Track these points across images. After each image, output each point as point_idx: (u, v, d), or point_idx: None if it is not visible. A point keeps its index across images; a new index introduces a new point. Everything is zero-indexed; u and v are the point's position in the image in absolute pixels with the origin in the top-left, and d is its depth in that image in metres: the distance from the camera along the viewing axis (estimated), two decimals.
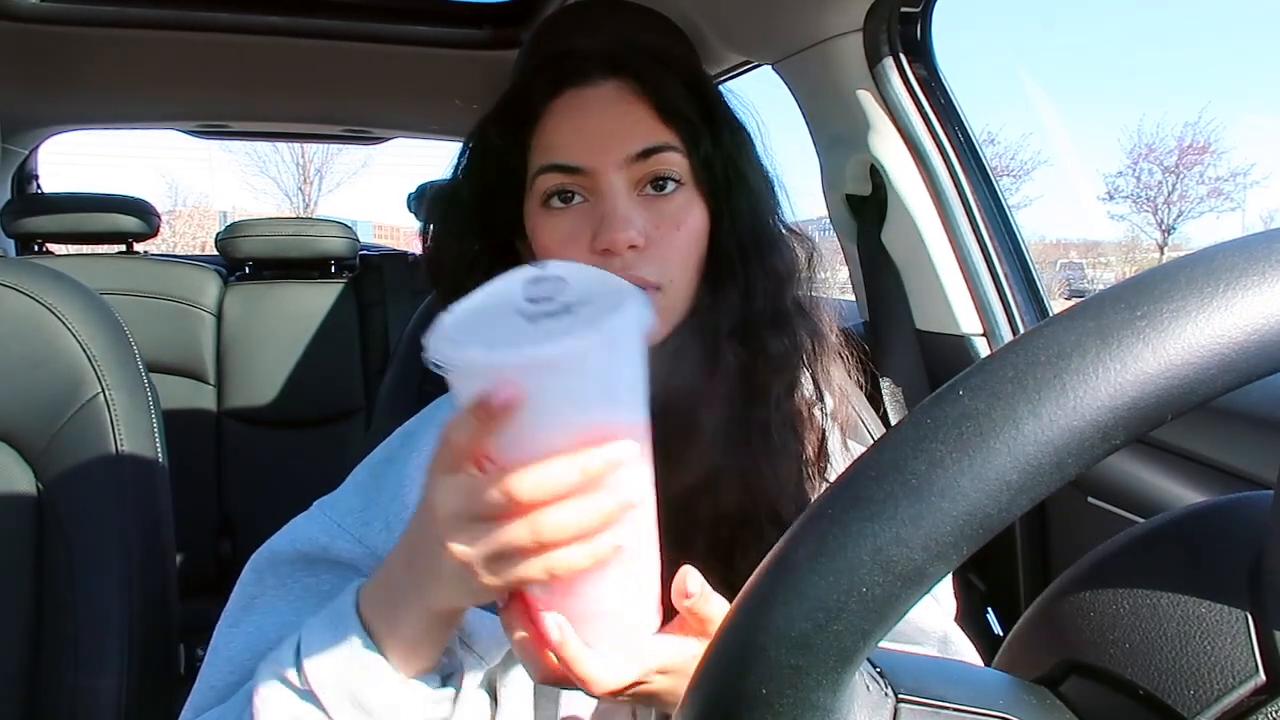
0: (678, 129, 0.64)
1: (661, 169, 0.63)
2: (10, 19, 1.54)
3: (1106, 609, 0.29)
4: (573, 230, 0.62)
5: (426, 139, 2.56)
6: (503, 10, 1.73)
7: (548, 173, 0.63)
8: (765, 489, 0.62)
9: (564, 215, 0.63)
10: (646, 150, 0.62)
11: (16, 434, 0.79)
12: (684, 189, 0.64)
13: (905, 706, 0.26)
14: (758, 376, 0.64)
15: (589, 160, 0.62)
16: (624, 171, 0.62)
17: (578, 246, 0.62)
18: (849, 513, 0.23)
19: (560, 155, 0.63)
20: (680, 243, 0.63)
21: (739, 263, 0.65)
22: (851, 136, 1.21)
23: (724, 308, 0.64)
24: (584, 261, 0.61)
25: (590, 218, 0.62)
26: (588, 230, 0.62)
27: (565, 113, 0.64)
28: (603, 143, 0.62)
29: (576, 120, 0.64)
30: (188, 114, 2.23)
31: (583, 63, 0.65)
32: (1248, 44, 28.43)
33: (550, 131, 0.64)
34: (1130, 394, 0.21)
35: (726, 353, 0.64)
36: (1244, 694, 0.25)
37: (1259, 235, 0.23)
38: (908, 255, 1.23)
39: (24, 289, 0.80)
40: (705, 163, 0.65)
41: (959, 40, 16.44)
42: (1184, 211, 15.68)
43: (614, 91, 0.64)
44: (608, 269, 0.61)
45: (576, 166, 0.62)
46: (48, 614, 0.77)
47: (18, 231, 2.12)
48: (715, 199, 0.65)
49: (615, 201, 0.61)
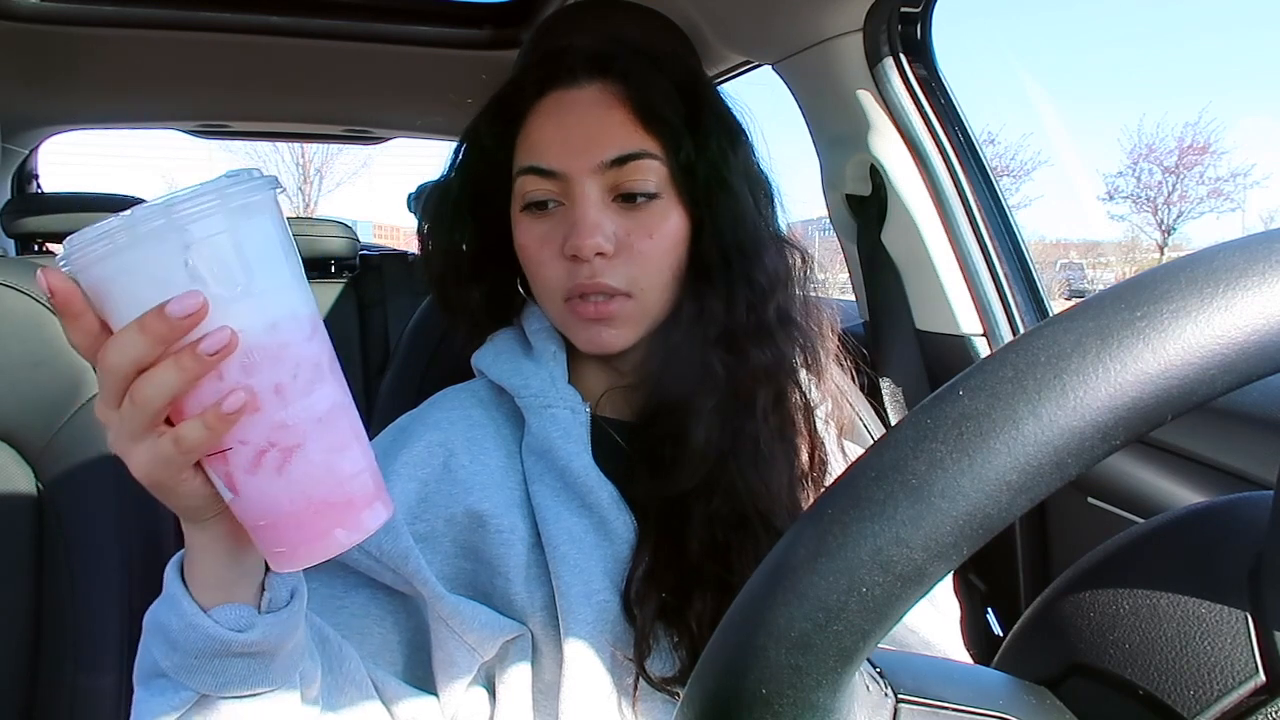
0: (658, 135, 0.63)
1: (635, 180, 0.62)
2: (10, 19, 1.54)
3: (1106, 609, 0.29)
4: (546, 234, 0.64)
5: (426, 139, 2.56)
6: (503, 10, 1.72)
7: (526, 175, 0.64)
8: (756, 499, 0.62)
9: (541, 219, 0.64)
10: (621, 157, 0.62)
11: (16, 434, 0.79)
12: (659, 199, 0.63)
13: (905, 706, 0.26)
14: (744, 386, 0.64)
15: (564, 164, 0.62)
16: (598, 177, 0.62)
17: (551, 250, 0.63)
18: (849, 513, 0.23)
19: (538, 158, 0.63)
20: (653, 251, 0.63)
21: (720, 271, 0.65)
22: (851, 136, 1.21)
23: (708, 317, 0.64)
24: (559, 267, 0.63)
25: (564, 222, 0.63)
26: (559, 235, 0.63)
27: (549, 114, 0.65)
28: (579, 147, 0.62)
29: (557, 122, 0.64)
30: (188, 114, 2.23)
31: (570, 63, 0.65)
32: (1247, 44, 28.43)
33: (534, 131, 0.65)
34: (1130, 394, 0.21)
35: (714, 362, 0.63)
36: (1244, 694, 0.25)
37: (1259, 235, 0.23)
38: (908, 255, 1.23)
39: (24, 289, 0.80)
40: (686, 169, 0.64)
41: (959, 40, 16.44)
42: (1184, 212, 15.70)
43: (597, 94, 0.64)
44: (576, 275, 0.62)
45: (552, 170, 0.63)
46: (48, 613, 0.77)
47: (18, 231, 2.12)
48: (696, 206, 0.65)
49: (585, 209, 0.62)
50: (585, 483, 0.63)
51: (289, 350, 0.38)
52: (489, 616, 0.61)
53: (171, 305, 0.35)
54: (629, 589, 0.61)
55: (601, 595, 0.61)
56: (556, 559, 0.61)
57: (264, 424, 0.38)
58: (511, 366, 0.68)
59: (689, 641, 0.60)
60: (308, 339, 0.39)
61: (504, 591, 0.62)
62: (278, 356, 0.38)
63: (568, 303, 0.64)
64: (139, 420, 0.38)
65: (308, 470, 0.39)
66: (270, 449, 0.38)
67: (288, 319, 0.38)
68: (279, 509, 0.39)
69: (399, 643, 0.64)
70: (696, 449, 0.61)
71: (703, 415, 0.62)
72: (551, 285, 0.65)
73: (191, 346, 0.36)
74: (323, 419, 0.39)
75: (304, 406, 0.39)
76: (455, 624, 0.60)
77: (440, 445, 0.65)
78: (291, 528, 0.39)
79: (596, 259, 0.61)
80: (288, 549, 0.40)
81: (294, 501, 0.39)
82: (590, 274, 0.62)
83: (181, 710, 0.46)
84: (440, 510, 0.64)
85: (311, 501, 0.39)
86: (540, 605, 0.62)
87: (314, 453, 0.39)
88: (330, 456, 0.40)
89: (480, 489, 0.64)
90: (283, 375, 0.38)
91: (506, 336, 0.72)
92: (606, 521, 0.63)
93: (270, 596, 0.47)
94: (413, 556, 0.60)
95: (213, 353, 0.36)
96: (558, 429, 0.64)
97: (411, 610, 0.64)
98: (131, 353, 0.36)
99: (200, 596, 0.45)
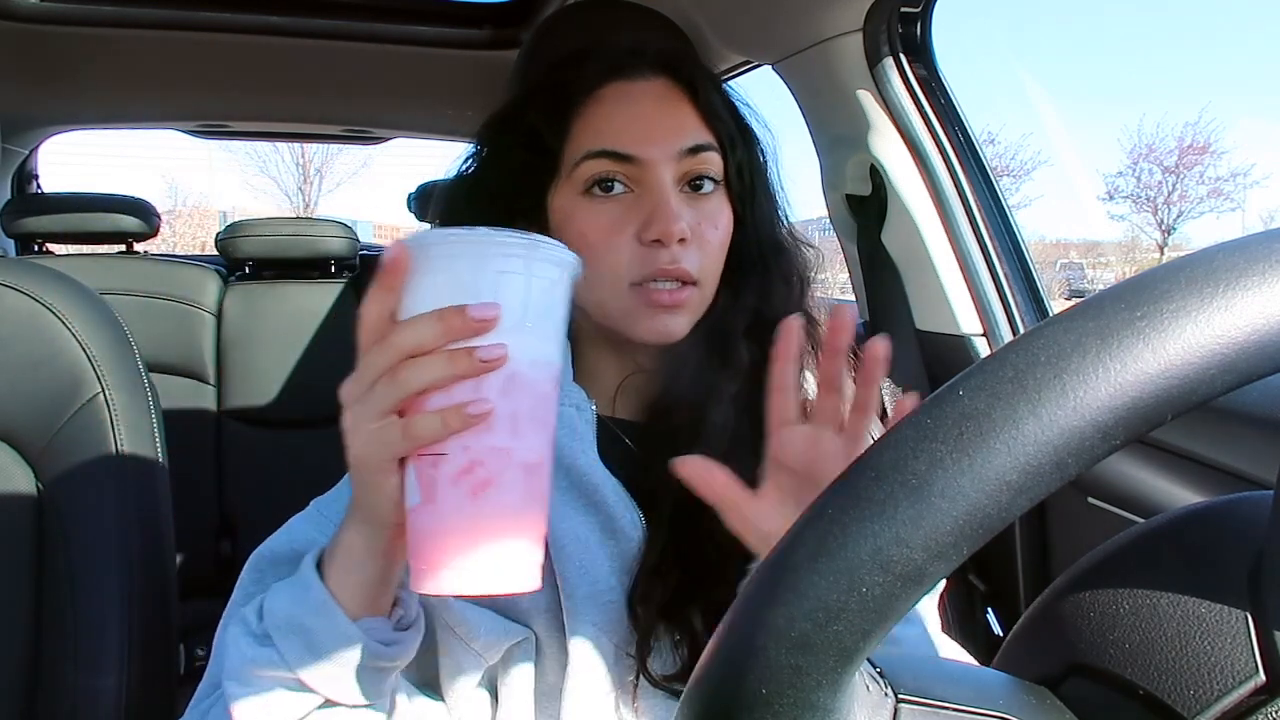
0: (717, 132, 0.66)
1: (705, 168, 0.65)
2: (10, 19, 1.54)
3: (1106, 609, 0.29)
4: (617, 219, 0.63)
5: (426, 139, 2.56)
6: (503, 10, 1.73)
7: (596, 158, 0.63)
8: None
9: (607, 204, 0.63)
10: (695, 147, 0.64)
11: (16, 434, 0.79)
12: (719, 190, 0.66)
13: (905, 706, 0.26)
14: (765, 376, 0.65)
15: (642, 150, 0.63)
16: (672, 165, 0.63)
17: (622, 236, 0.63)
18: (849, 513, 0.23)
19: (611, 142, 0.63)
20: (715, 241, 0.65)
21: (758, 266, 0.68)
22: (851, 136, 1.21)
23: (740, 308, 0.66)
24: (629, 252, 0.63)
25: (635, 208, 0.63)
26: (633, 220, 0.62)
27: (615, 101, 0.65)
28: (656, 134, 0.63)
29: (630, 109, 0.65)
30: (188, 114, 2.23)
31: (639, 57, 0.66)
32: (1248, 44, 28.43)
33: (601, 118, 0.64)
34: (1130, 394, 0.21)
35: (740, 351, 0.65)
36: (1244, 694, 0.25)
37: (1259, 235, 0.23)
38: (908, 255, 1.23)
39: (24, 289, 0.80)
40: (737, 168, 0.67)
41: (960, 40, 16.44)
42: (1184, 211, 15.69)
43: (664, 89, 0.66)
44: (655, 261, 0.62)
45: (629, 155, 0.63)
46: (48, 614, 0.77)
47: (18, 231, 2.12)
48: (741, 203, 0.67)
49: (667, 194, 0.62)
50: (591, 480, 0.63)
51: (538, 388, 0.42)
52: (495, 622, 0.61)
53: (474, 308, 0.40)
54: (635, 585, 0.61)
55: (608, 596, 0.61)
56: (562, 559, 0.61)
57: (487, 444, 0.41)
58: None
59: (690, 639, 0.60)
60: (552, 388, 0.43)
61: None
62: (529, 390, 0.42)
63: (637, 289, 0.63)
64: (388, 399, 0.41)
65: (502, 501, 0.41)
66: (478, 468, 0.41)
67: (546, 363, 0.43)
68: (459, 527, 0.41)
69: None
70: (715, 431, 0.63)
71: (723, 401, 0.64)
72: (619, 271, 0.63)
73: (470, 349, 0.40)
74: (531, 467, 0.42)
75: (526, 445, 0.42)
76: (461, 631, 0.60)
77: None
78: (457, 549, 0.41)
79: (677, 245, 0.62)
80: (442, 570, 0.41)
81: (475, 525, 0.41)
82: (671, 259, 0.62)
83: (305, 713, 0.48)
84: None
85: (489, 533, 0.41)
86: (544, 607, 0.62)
87: (513, 491, 0.41)
88: (524, 501, 0.42)
89: None
90: (523, 408, 0.41)
91: None
92: (613, 520, 0.62)
93: (402, 614, 0.50)
94: None
95: (486, 360, 0.40)
96: (563, 427, 0.64)
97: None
98: (422, 335, 0.40)
99: (346, 604, 0.47)
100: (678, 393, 0.65)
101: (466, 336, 0.40)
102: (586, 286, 0.64)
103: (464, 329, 0.40)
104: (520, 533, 0.42)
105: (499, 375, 0.41)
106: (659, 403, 0.67)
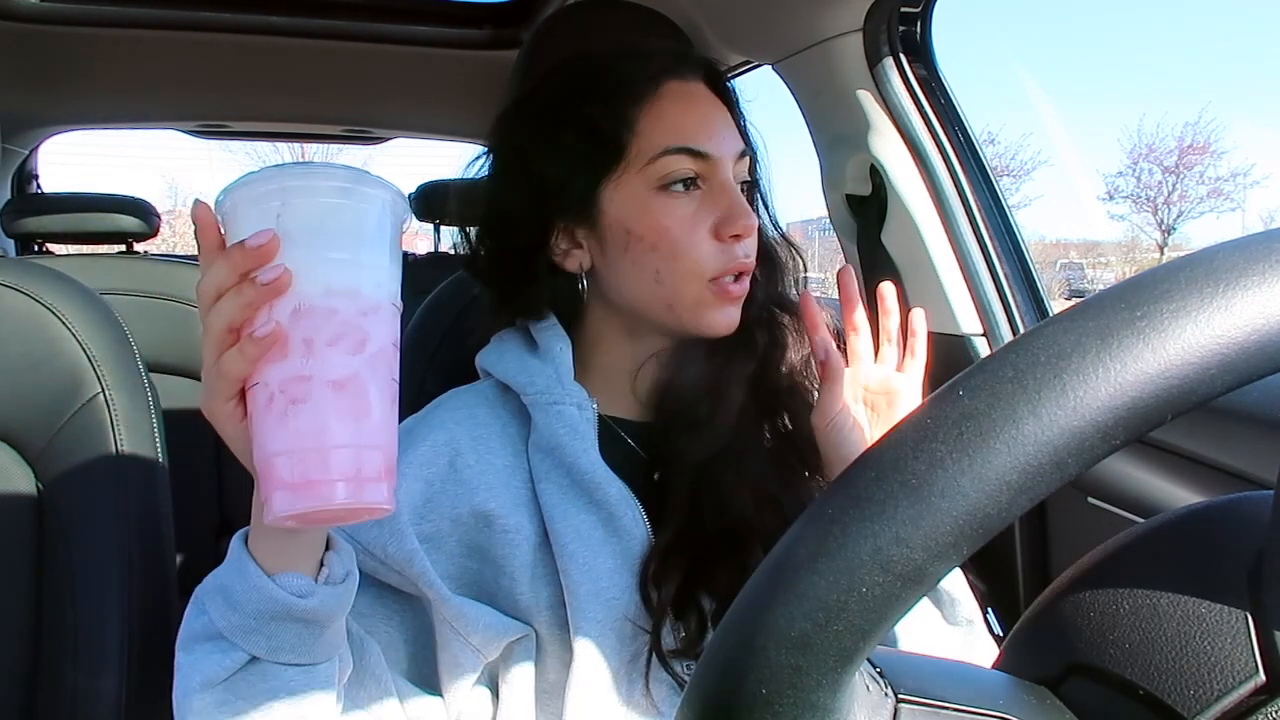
0: (746, 138, 0.70)
1: (746, 169, 0.69)
2: (10, 19, 1.54)
3: (1106, 609, 0.29)
4: (695, 215, 0.65)
5: (426, 139, 2.56)
6: (503, 10, 1.73)
7: (677, 154, 0.64)
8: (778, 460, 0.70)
9: (684, 199, 0.65)
10: (743, 150, 0.68)
11: (16, 434, 0.79)
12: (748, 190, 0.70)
13: (905, 706, 0.26)
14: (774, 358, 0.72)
15: (715, 148, 0.65)
16: (733, 164, 0.67)
17: (700, 232, 0.65)
18: (849, 513, 0.23)
19: (689, 139, 0.65)
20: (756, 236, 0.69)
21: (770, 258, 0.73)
22: (851, 136, 1.21)
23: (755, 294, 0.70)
24: (709, 247, 0.65)
25: (707, 204, 0.65)
26: (709, 216, 0.65)
27: (678, 99, 0.66)
28: (723, 134, 0.67)
29: (696, 109, 0.67)
30: (188, 114, 2.23)
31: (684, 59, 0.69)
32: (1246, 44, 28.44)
33: (672, 115, 0.65)
34: (1130, 394, 0.21)
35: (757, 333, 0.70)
36: (1244, 694, 0.25)
37: (1259, 235, 0.23)
38: (908, 255, 1.23)
39: (24, 289, 0.80)
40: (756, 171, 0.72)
41: (960, 40, 16.45)
42: (1184, 211, 15.70)
43: (707, 91, 0.69)
44: (734, 256, 0.65)
45: (706, 153, 0.65)
46: (48, 613, 0.77)
47: (18, 231, 2.12)
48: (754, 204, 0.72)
49: (737, 191, 0.66)
50: (593, 479, 0.63)
51: (337, 316, 0.42)
52: (494, 618, 0.61)
53: (250, 238, 0.41)
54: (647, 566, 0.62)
55: (611, 593, 0.61)
56: (565, 557, 0.61)
57: (287, 369, 0.42)
58: (517, 364, 0.68)
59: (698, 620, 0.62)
60: (361, 315, 0.43)
61: (509, 591, 0.62)
62: (324, 317, 0.42)
63: (715, 283, 0.65)
64: (209, 344, 0.42)
65: (313, 420, 0.42)
66: (281, 393, 0.42)
67: (347, 291, 0.42)
68: (279, 450, 0.42)
69: (404, 643, 0.64)
70: (733, 404, 0.67)
71: (741, 378, 0.68)
72: (700, 266, 0.64)
73: (252, 278, 0.41)
74: (339, 384, 0.42)
75: (327, 366, 0.42)
76: (460, 626, 0.60)
77: (446, 445, 0.65)
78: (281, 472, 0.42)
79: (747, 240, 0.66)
80: (274, 493, 0.42)
81: (291, 446, 0.42)
82: (745, 253, 0.66)
83: (231, 671, 0.49)
84: (446, 510, 0.64)
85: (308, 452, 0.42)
86: (546, 605, 0.62)
87: (321, 410, 0.42)
88: (338, 417, 0.42)
89: (486, 488, 0.64)
90: (319, 335, 0.42)
91: (511, 335, 0.71)
92: (615, 517, 0.63)
93: (328, 572, 0.51)
94: (418, 559, 0.60)
95: (265, 282, 0.41)
96: (564, 426, 0.64)
97: (417, 611, 0.64)
98: (215, 278, 0.42)
99: (264, 564, 0.49)
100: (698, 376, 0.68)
101: (254, 267, 0.41)
102: (658, 280, 0.65)
103: (244, 259, 0.41)
104: (341, 447, 0.42)
105: (286, 302, 0.41)
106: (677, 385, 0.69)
